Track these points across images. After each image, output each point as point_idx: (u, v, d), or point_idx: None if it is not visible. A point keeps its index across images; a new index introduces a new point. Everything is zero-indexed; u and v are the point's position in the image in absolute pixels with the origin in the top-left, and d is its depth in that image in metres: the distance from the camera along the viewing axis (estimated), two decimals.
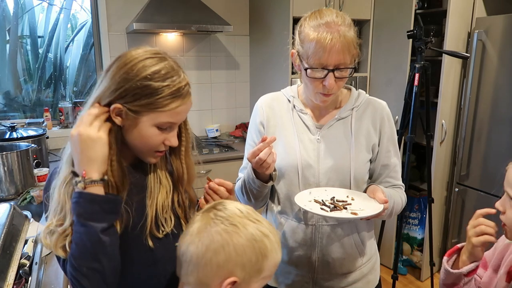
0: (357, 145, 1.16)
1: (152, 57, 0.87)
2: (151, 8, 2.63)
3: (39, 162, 2.12)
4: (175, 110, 0.87)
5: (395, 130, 1.23)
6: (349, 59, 1.06)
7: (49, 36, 2.95)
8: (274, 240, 0.81)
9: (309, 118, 1.20)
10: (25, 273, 1.09)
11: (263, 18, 2.99)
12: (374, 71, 2.95)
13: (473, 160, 2.61)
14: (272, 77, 2.94)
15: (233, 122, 3.36)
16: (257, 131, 1.26)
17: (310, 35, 1.04)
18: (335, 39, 1.01)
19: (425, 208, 2.88)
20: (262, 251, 0.78)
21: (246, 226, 0.79)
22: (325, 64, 1.04)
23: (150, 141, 0.90)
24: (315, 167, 1.16)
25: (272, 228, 0.84)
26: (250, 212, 0.83)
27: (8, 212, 1.15)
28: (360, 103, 1.20)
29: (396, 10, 2.69)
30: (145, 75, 0.84)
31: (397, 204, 1.17)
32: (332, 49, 1.01)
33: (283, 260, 1.22)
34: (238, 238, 0.77)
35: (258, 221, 0.81)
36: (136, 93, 0.85)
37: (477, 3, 2.53)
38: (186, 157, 1.01)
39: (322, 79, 1.06)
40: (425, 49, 2.11)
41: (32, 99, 2.95)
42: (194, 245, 0.78)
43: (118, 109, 0.86)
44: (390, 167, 1.20)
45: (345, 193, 1.12)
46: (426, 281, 2.82)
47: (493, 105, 2.46)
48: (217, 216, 0.80)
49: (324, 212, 1.03)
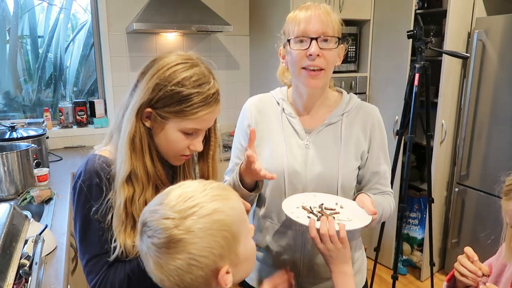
0: (346, 152, 1.14)
1: (183, 63, 0.88)
2: (151, 8, 2.63)
3: (39, 162, 2.12)
4: (202, 118, 0.88)
5: (386, 135, 1.20)
6: (331, 30, 1.06)
7: (49, 36, 2.94)
8: (221, 205, 0.70)
9: (298, 123, 1.17)
10: (25, 273, 1.09)
11: (263, 18, 2.99)
12: (374, 71, 2.95)
13: (473, 160, 2.61)
14: (272, 77, 2.93)
15: (233, 122, 3.33)
16: (244, 133, 1.24)
17: (290, 17, 1.10)
18: (313, 9, 1.06)
19: (425, 208, 2.88)
20: (223, 228, 0.69)
21: (189, 229, 0.67)
22: (307, 32, 1.05)
23: (175, 146, 0.91)
24: (302, 173, 1.13)
25: (207, 191, 0.72)
26: (178, 208, 0.69)
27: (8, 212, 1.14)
28: (351, 108, 1.17)
29: (396, 10, 2.69)
30: (176, 81, 0.85)
31: (385, 211, 1.15)
32: (312, 17, 1.05)
33: (268, 263, 1.22)
34: (194, 245, 0.67)
35: (193, 207, 0.69)
36: (167, 100, 0.86)
37: (477, 3, 2.53)
38: (213, 162, 1.02)
39: (306, 50, 1.05)
40: (425, 49, 2.11)
41: (32, 99, 2.95)
42: (166, 281, 0.70)
43: (148, 113, 0.88)
44: (380, 174, 1.18)
45: (334, 199, 1.09)
46: (426, 281, 2.82)
47: (493, 105, 2.46)
48: (156, 244, 0.68)
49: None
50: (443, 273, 2.95)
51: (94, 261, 0.89)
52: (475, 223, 2.65)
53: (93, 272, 0.89)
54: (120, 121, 0.92)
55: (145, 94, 0.87)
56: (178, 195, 0.71)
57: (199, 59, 0.92)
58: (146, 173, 0.90)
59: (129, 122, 0.88)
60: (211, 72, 0.91)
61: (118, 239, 0.87)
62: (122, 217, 0.87)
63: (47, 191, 1.86)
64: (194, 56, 0.92)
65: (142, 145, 0.90)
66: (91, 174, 0.88)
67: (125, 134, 0.89)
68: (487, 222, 2.55)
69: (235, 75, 3.29)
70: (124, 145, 0.88)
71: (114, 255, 0.88)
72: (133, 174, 0.88)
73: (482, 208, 2.59)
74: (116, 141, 0.93)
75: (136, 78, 0.91)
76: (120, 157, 0.89)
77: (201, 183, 0.75)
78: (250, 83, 3.36)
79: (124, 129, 0.89)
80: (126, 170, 0.87)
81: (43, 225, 1.38)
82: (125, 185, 0.88)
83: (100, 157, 0.92)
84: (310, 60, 1.06)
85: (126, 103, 0.92)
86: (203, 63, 0.91)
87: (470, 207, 2.66)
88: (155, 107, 0.87)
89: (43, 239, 1.29)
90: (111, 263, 0.89)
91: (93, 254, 0.89)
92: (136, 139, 0.89)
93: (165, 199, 0.72)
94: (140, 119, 0.89)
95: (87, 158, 0.92)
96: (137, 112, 0.88)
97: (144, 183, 0.90)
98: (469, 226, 2.69)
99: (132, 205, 0.88)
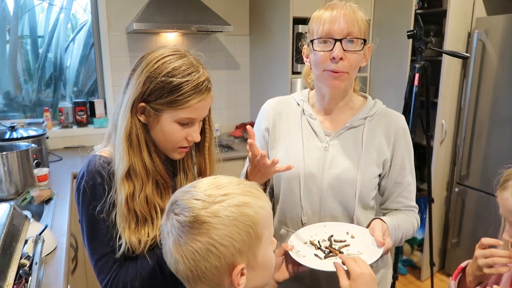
0: (367, 158, 1.08)
1: (171, 55, 0.89)
2: (151, 8, 2.63)
3: (39, 162, 2.12)
4: (194, 106, 0.89)
5: (411, 146, 1.13)
6: (357, 30, 1.00)
7: (49, 36, 2.94)
8: (252, 201, 0.71)
9: (318, 124, 1.13)
10: (25, 273, 1.09)
11: (263, 18, 2.99)
12: (374, 71, 2.95)
13: (473, 160, 2.61)
14: (272, 77, 2.94)
15: (233, 122, 3.36)
16: (261, 136, 1.20)
17: (315, 16, 1.04)
18: (340, 10, 1.01)
19: (425, 208, 2.88)
20: (248, 223, 0.69)
21: (216, 213, 0.67)
22: (331, 33, 1.00)
23: (172, 137, 0.92)
24: (318, 176, 1.09)
25: (241, 186, 0.73)
26: (209, 193, 0.70)
27: (8, 212, 1.14)
28: (375, 112, 1.12)
29: (396, 10, 2.69)
30: (165, 72, 0.86)
31: (407, 233, 1.11)
32: (337, 17, 1.00)
33: None
34: (217, 231, 0.67)
35: (224, 195, 0.70)
36: (158, 91, 0.87)
37: (477, 3, 2.53)
38: (209, 154, 1.03)
39: (330, 51, 1.00)
40: (425, 49, 2.11)
41: (32, 99, 2.95)
42: (181, 263, 0.69)
43: (142, 108, 0.89)
44: (403, 185, 1.12)
45: (345, 229, 1.03)
46: (426, 281, 2.82)
47: (493, 105, 2.46)
48: (180, 221, 0.69)
49: (316, 262, 0.93)
50: (443, 273, 2.95)
51: (103, 260, 0.90)
52: (475, 223, 2.65)
53: (104, 272, 0.90)
54: (116, 120, 0.93)
55: (137, 89, 0.88)
56: (212, 183, 0.73)
57: (186, 51, 0.93)
58: (145, 169, 0.91)
59: (124, 119, 0.89)
60: (200, 62, 0.92)
61: (123, 236, 0.88)
62: (124, 214, 0.88)
63: (47, 191, 1.86)
64: (182, 49, 0.93)
65: (139, 141, 0.90)
66: (94, 174, 0.89)
67: (121, 130, 0.89)
68: (487, 222, 2.55)
69: (235, 75, 3.29)
70: (121, 142, 0.89)
71: (120, 252, 0.89)
72: (132, 170, 0.89)
73: (482, 208, 2.59)
74: (114, 140, 0.93)
75: (127, 76, 0.92)
76: (118, 154, 0.89)
77: (237, 178, 0.76)
78: (250, 83, 3.36)
79: (120, 126, 0.90)
80: (124, 166, 0.88)
81: (43, 225, 1.38)
82: (125, 181, 0.88)
83: (101, 157, 0.93)
84: (333, 63, 1.01)
85: (120, 101, 0.92)
86: (191, 54, 0.92)
87: (470, 207, 2.66)
88: (148, 100, 0.88)
89: (43, 239, 1.29)
90: (122, 262, 0.90)
91: (102, 253, 0.90)
92: (133, 135, 0.89)
93: (198, 183, 0.73)
94: (134, 114, 0.89)
95: (88, 159, 0.93)
96: (131, 108, 0.88)
97: (144, 179, 0.90)
98: (469, 226, 2.69)
99: (133, 201, 0.89)
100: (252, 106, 3.38)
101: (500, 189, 0.95)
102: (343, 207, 1.10)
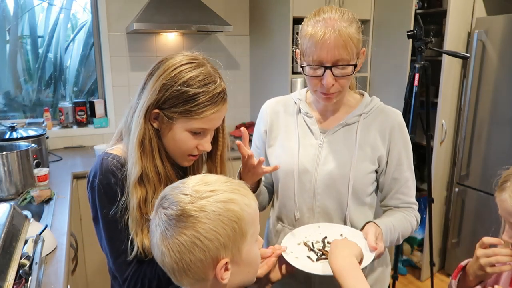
0: (360, 154, 1.09)
1: (189, 63, 0.88)
2: (151, 8, 2.62)
3: (39, 162, 2.12)
4: (208, 117, 0.89)
5: (409, 141, 1.13)
6: (348, 55, 0.98)
7: (49, 36, 2.94)
8: (238, 198, 0.73)
9: (314, 122, 1.15)
10: (25, 273, 1.09)
11: (263, 18, 2.99)
12: (374, 71, 2.95)
13: (473, 160, 2.61)
14: (272, 77, 2.94)
15: (233, 122, 3.36)
16: (259, 137, 1.25)
17: (306, 31, 1.01)
18: (328, 34, 0.96)
19: (425, 208, 2.87)
20: (234, 219, 0.71)
21: (203, 208, 0.69)
22: (321, 60, 0.99)
23: (183, 146, 0.92)
24: (312, 172, 1.11)
25: (228, 183, 0.75)
26: (197, 188, 0.72)
27: (8, 212, 1.14)
28: (370, 109, 1.13)
29: (396, 10, 2.69)
30: (182, 81, 0.86)
31: (404, 233, 1.11)
32: (325, 44, 0.96)
33: None
34: (203, 225, 0.69)
35: (211, 191, 0.72)
36: (173, 100, 0.86)
37: (477, 3, 2.53)
38: (220, 163, 1.04)
39: (320, 77, 1.01)
40: (425, 49, 2.12)
41: (32, 99, 2.95)
42: (167, 256, 0.71)
43: (156, 114, 0.89)
44: (401, 181, 1.13)
45: (339, 230, 1.04)
46: (426, 281, 2.82)
47: (493, 105, 2.46)
48: (168, 215, 0.71)
49: (309, 265, 0.94)
50: (443, 273, 2.95)
51: (123, 257, 0.90)
52: (475, 223, 2.65)
53: (123, 268, 0.91)
54: (130, 123, 0.92)
55: (152, 95, 0.87)
56: (200, 179, 0.75)
57: (205, 59, 0.92)
58: (157, 174, 0.91)
59: (138, 124, 0.89)
60: (217, 71, 0.92)
61: (136, 239, 0.88)
62: (137, 218, 0.88)
63: (47, 191, 1.86)
64: (200, 56, 0.92)
65: (152, 147, 0.90)
66: (107, 174, 0.89)
67: (134, 136, 0.89)
68: (487, 222, 2.55)
69: (235, 75, 3.29)
70: (134, 147, 0.89)
71: (133, 255, 0.89)
72: (144, 176, 0.89)
73: (482, 208, 2.59)
74: (127, 141, 0.93)
75: (143, 80, 0.92)
76: (131, 159, 0.89)
77: (225, 177, 0.78)
78: (250, 83, 3.35)
79: (133, 131, 0.90)
80: (137, 171, 0.88)
81: (43, 225, 1.38)
82: (137, 186, 0.88)
83: (114, 156, 0.92)
84: (323, 88, 1.02)
85: (135, 105, 0.92)
86: (209, 63, 0.92)
87: (470, 207, 2.66)
88: (162, 107, 0.88)
89: (43, 239, 1.29)
90: (140, 260, 0.91)
91: (122, 250, 0.90)
92: (146, 140, 0.89)
93: (188, 180, 0.76)
94: (148, 120, 0.89)
95: (101, 157, 0.92)
96: (145, 113, 0.88)
97: (156, 184, 0.91)
98: (469, 226, 2.69)
99: (146, 206, 0.89)
100: (252, 106, 3.38)
101: (499, 190, 0.95)
102: (336, 203, 1.12)
